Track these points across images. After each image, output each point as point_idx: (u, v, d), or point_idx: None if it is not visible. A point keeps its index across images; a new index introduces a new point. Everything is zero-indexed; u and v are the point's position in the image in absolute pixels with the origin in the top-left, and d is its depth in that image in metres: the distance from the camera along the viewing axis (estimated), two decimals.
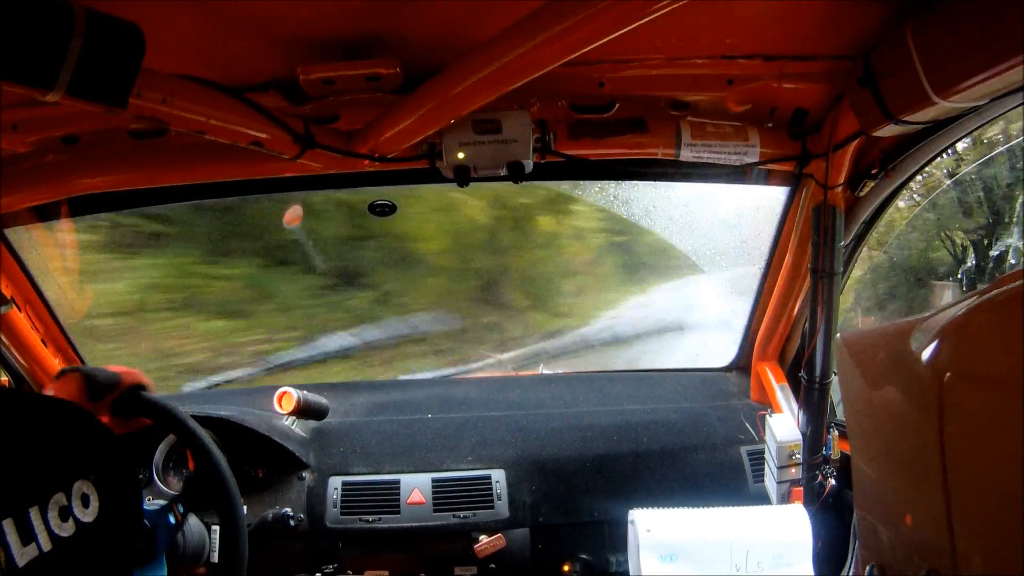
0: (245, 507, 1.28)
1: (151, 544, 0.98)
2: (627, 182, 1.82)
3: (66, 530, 0.70)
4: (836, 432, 1.28)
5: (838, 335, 0.61)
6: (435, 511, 1.31)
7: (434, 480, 1.34)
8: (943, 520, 0.32)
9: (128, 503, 0.84)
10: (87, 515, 0.74)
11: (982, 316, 0.34)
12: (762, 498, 1.34)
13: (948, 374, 0.33)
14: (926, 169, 1.14)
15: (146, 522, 0.98)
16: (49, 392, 0.93)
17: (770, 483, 1.32)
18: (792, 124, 1.11)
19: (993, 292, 0.34)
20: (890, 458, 0.40)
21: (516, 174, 1.04)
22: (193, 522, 1.18)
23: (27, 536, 0.65)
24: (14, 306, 1.33)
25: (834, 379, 1.28)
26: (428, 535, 1.30)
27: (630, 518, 1.18)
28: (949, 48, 0.80)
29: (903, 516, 0.38)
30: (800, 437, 1.28)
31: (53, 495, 0.70)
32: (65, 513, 0.70)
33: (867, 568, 0.45)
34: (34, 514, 0.66)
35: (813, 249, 1.19)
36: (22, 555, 0.64)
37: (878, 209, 1.21)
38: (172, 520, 1.02)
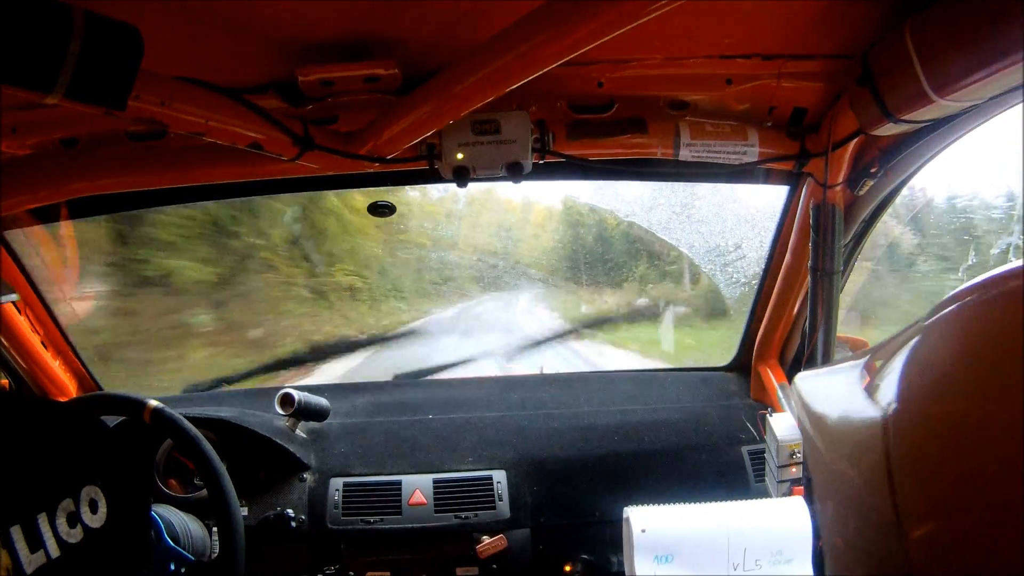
0: (246, 508, 1.28)
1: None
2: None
3: (74, 536, 0.70)
4: None
5: (796, 377, 0.60)
6: (436, 512, 1.31)
7: (435, 481, 1.34)
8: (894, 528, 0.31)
9: (137, 508, 0.84)
10: (96, 520, 0.73)
11: (923, 345, 0.34)
12: (764, 497, 1.34)
13: (893, 406, 0.33)
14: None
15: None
16: None
17: (771, 482, 1.32)
18: (791, 123, 1.11)
19: (929, 320, 0.34)
20: (841, 484, 0.39)
21: (515, 174, 1.05)
22: (194, 524, 1.19)
23: (35, 543, 0.65)
24: (18, 300, 1.33)
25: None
26: (430, 536, 1.30)
27: (624, 515, 1.15)
28: (948, 47, 0.80)
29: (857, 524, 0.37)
30: (801, 436, 1.28)
31: (61, 501, 0.69)
32: (73, 519, 0.70)
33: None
34: (42, 520, 0.66)
35: (812, 248, 1.19)
36: (30, 562, 0.63)
37: (877, 208, 1.21)
38: (172, 567, 1.03)
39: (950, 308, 0.32)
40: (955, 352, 0.31)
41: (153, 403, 1.10)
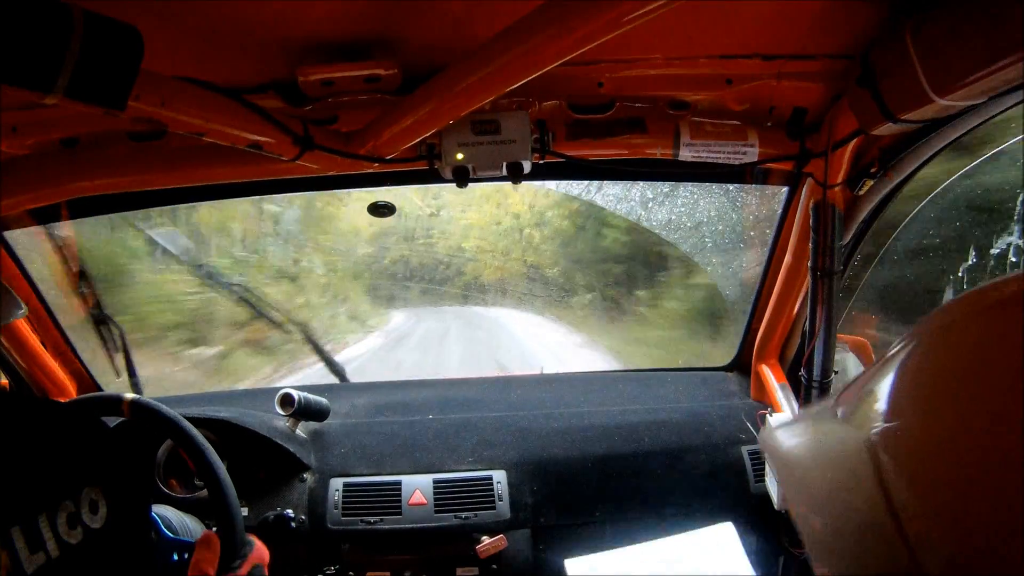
0: (246, 508, 1.28)
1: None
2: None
3: (74, 537, 0.69)
4: None
5: (764, 428, 0.59)
6: (436, 512, 1.31)
7: (435, 481, 1.34)
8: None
9: (137, 509, 0.84)
10: (96, 522, 0.73)
11: (894, 372, 0.33)
12: (763, 497, 1.34)
13: (873, 428, 0.32)
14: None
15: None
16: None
17: (771, 483, 1.32)
18: (791, 123, 1.11)
19: (899, 349, 0.33)
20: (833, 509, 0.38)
21: (515, 174, 1.04)
22: (194, 524, 1.19)
23: (35, 544, 0.65)
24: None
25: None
26: (430, 536, 1.30)
27: (567, 570, 1.22)
28: (948, 47, 0.80)
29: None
30: None
31: (62, 502, 0.69)
32: (74, 520, 0.70)
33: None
34: (42, 521, 0.66)
35: (812, 248, 1.20)
36: (30, 562, 0.63)
37: (877, 208, 1.21)
38: (175, 558, 1.02)
39: (942, 319, 0.32)
40: (950, 361, 0.30)
41: (129, 396, 1.10)
